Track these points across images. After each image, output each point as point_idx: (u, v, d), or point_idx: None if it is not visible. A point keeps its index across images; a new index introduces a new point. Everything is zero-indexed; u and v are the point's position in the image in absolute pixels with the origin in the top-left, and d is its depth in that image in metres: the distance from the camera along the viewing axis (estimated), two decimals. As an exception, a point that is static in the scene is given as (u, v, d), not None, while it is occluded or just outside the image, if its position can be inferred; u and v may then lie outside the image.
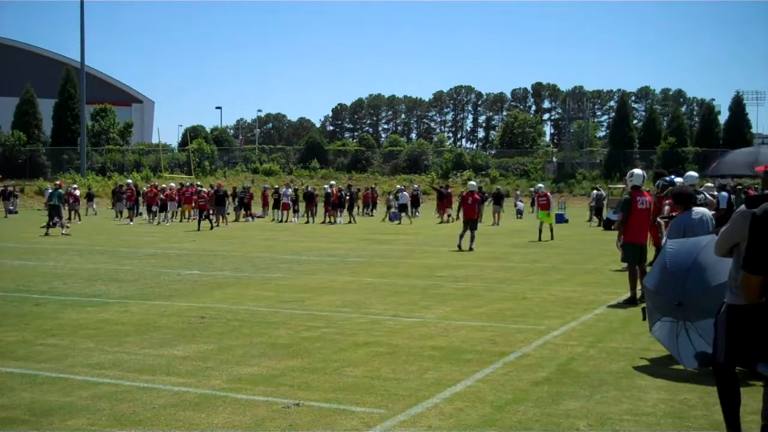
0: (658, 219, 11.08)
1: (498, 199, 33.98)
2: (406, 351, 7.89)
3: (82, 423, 5.51)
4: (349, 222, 33.95)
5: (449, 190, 37.46)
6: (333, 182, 40.41)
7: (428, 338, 8.57)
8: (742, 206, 4.36)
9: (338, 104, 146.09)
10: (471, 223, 19.80)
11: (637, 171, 11.77)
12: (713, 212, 9.63)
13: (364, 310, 10.45)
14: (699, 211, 8.53)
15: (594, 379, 6.78)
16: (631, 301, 10.98)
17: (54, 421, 5.55)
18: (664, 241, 8.70)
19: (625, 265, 11.93)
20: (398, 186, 42.82)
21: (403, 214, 34.36)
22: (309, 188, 37.28)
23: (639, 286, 10.63)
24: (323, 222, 33.49)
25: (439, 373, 6.97)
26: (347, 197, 34.84)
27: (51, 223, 25.75)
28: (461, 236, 19.88)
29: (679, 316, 6.96)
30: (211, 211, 29.58)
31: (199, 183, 39.54)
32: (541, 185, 27.03)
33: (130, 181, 39.32)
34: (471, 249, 19.43)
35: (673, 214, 9.50)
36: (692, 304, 6.72)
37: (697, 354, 6.97)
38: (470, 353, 7.80)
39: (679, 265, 6.92)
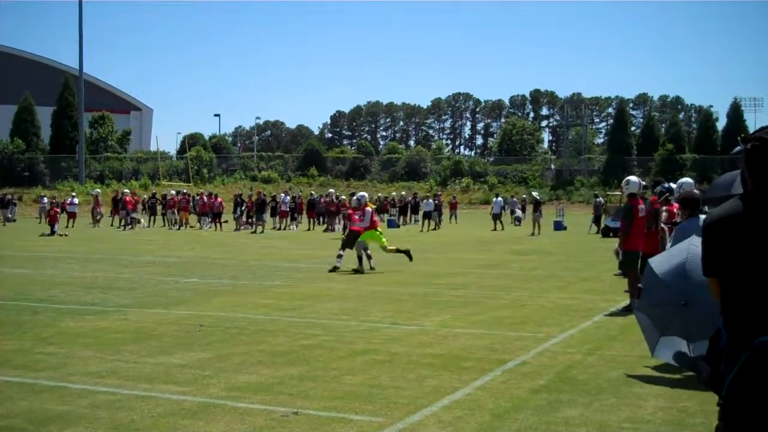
0: (662, 225, 11.06)
1: (536, 206, 32.58)
2: (405, 359, 7.88)
3: (81, 432, 5.50)
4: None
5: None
6: (332, 190, 40.55)
7: (427, 346, 8.56)
8: None
9: (336, 111, 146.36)
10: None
11: (633, 178, 11.70)
12: None
13: (363, 318, 10.44)
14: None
15: (593, 387, 6.78)
16: (630, 309, 10.96)
17: (52, 430, 5.53)
18: (668, 246, 8.68)
19: (620, 272, 11.91)
20: (431, 193, 44.20)
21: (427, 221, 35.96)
22: (313, 196, 37.81)
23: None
24: (325, 230, 33.60)
25: (437, 381, 6.97)
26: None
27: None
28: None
29: (680, 326, 6.99)
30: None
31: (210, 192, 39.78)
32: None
33: (127, 190, 39.45)
34: (371, 267, 16.82)
35: (675, 220, 9.50)
36: (697, 301, 6.77)
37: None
38: (469, 361, 7.80)
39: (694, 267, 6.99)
